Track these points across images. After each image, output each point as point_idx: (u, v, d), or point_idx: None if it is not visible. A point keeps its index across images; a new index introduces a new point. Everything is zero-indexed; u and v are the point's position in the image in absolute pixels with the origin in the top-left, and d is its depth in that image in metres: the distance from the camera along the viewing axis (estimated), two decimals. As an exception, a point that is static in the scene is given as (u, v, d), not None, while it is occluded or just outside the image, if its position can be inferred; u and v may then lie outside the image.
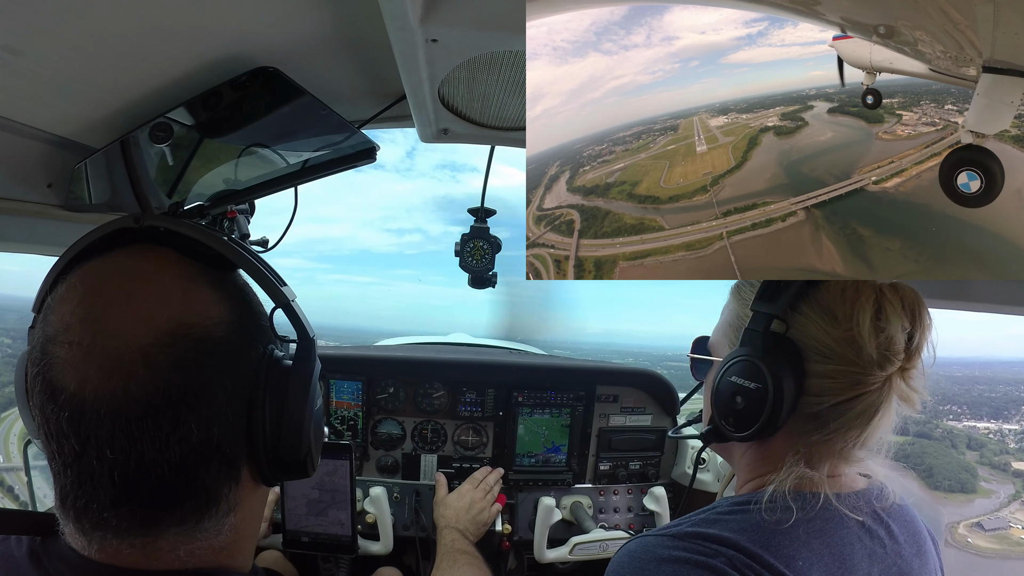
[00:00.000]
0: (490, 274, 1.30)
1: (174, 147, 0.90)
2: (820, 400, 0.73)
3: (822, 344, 0.73)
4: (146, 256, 0.58)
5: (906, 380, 0.72)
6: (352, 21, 0.73)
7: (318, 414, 0.65)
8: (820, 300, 0.74)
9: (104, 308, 0.52)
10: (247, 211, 1.31)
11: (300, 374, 0.61)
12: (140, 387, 0.50)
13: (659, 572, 0.68)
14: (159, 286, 0.55)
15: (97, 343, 0.50)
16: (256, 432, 0.57)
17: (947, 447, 10.45)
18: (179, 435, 0.51)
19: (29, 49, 0.63)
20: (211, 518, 0.55)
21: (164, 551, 0.53)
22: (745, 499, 0.74)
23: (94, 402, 0.49)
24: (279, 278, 0.63)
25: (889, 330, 0.70)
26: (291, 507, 1.40)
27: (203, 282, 0.58)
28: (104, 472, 0.50)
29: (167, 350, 0.51)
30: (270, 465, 0.60)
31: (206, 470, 0.54)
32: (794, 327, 0.75)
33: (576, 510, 1.80)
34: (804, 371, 0.74)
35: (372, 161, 1.06)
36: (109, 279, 0.55)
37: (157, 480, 0.51)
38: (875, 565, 0.72)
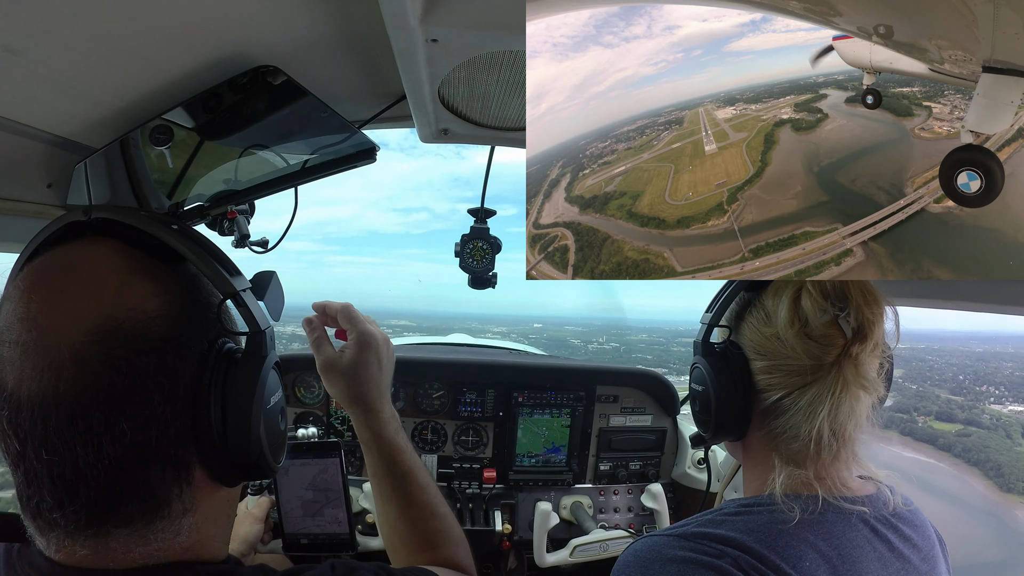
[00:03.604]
0: (490, 274, 1.30)
1: (174, 147, 0.90)
2: (767, 396, 0.76)
3: (755, 342, 0.78)
4: (87, 249, 0.55)
5: (856, 365, 0.72)
6: (352, 21, 0.73)
7: (273, 410, 0.61)
8: (758, 303, 0.79)
9: (40, 305, 0.50)
10: (247, 211, 1.31)
11: (247, 368, 0.57)
12: (70, 386, 0.48)
13: (665, 572, 0.68)
14: (92, 281, 0.52)
15: (31, 341, 0.49)
16: (202, 432, 0.54)
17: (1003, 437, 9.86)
18: (112, 436, 0.49)
19: (29, 49, 0.63)
20: (163, 519, 0.53)
21: (118, 552, 0.52)
22: (751, 501, 0.75)
23: (28, 402, 0.48)
24: (230, 267, 0.60)
25: (810, 319, 0.72)
26: (287, 510, 1.39)
27: (144, 275, 0.55)
28: (44, 473, 0.49)
29: (97, 347, 0.49)
30: (223, 466, 0.57)
31: (147, 471, 0.52)
32: (737, 332, 0.82)
33: (576, 510, 1.80)
34: (750, 370, 0.78)
35: (372, 161, 1.06)
36: (47, 274, 0.53)
37: (94, 482, 0.49)
38: (884, 568, 0.72)
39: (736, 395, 0.78)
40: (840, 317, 0.71)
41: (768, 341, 0.76)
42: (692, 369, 0.86)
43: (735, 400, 0.78)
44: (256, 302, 0.61)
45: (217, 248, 0.60)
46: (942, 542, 0.82)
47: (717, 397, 0.79)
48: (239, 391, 0.56)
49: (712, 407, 0.80)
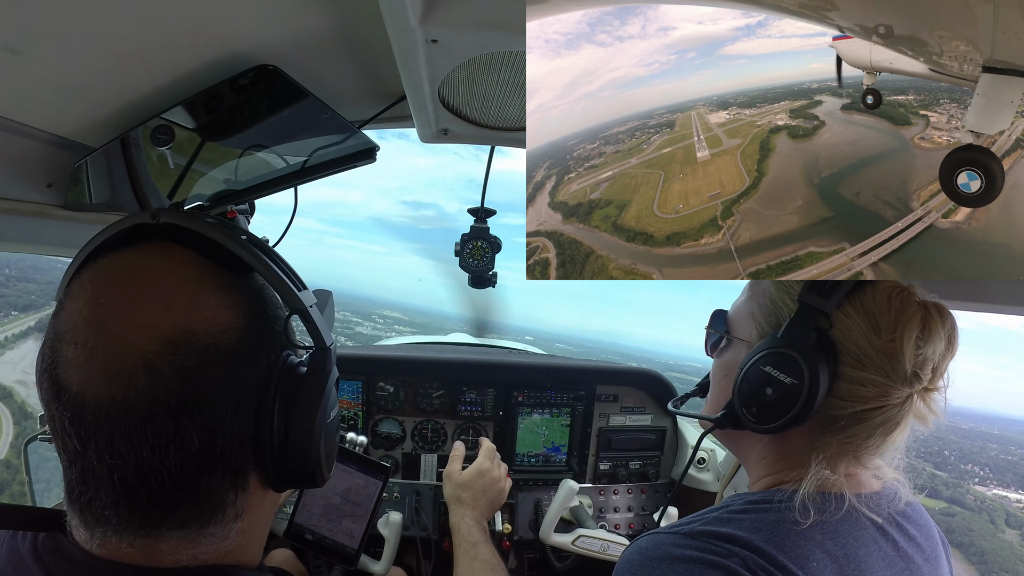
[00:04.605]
0: (490, 274, 1.30)
1: (174, 147, 0.90)
2: (845, 404, 0.71)
3: (861, 350, 0.70)
4: (157, 256, 0.56)
5: (926, 400, 0.72)
6: (352, 21, 0.73)
7: (332, 424, 0.63)
8: (866, 303, 0.71)
9: (109, 310, 0.51)
10: (247, 211, 1.31)
11: (312, 383, 0.59)
12: (140, 394, 0.49)
13: (671, 571, 0.67)
14: (166, 290, 0.53)
15: (100, 346, 0.49)
16: (264, 442, 0.56)
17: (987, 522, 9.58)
18: (179, 443, 0.50)
19: (29, 49, 0.63)
20: (216, 524, 0.54)
21: (165, 553, 0.53)
22: (760, 498, 0.73)
23: (94, 406, 0.49)
24: (298, 282, 0.61)
25: (926, 350, 0.69)
26: (306, 503, 1.39)
27: (214, 286, 0.55)
28: (104, 473, 0.49)
29: (169, 358, 0.50)
30: (279, 474, 0.58)
31: (208, 478, 0.53)
32: (836, 326, 0.72)
33: (576, 510, 1.80)
34: (837, 373, 0.71)
35: (372, 161, 1.06)
36: (117, 279, 0.54)
37: (157, 486, 0.50)
38: (889, 568, 0.71)
39: (823, 395, 0.71)
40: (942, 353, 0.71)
41: (876, 354, 0.69)
42: (775, 352, 0.73)
43: (820, 400, 0.71)
44: (321, 318, 0.62)
45: (285, 261, 0.61)
46: (944, 542, 0.81)
47: (810, 393, 0.70)
48: (304, 405, 0.58)
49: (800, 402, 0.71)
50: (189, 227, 0.57)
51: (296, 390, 0.58)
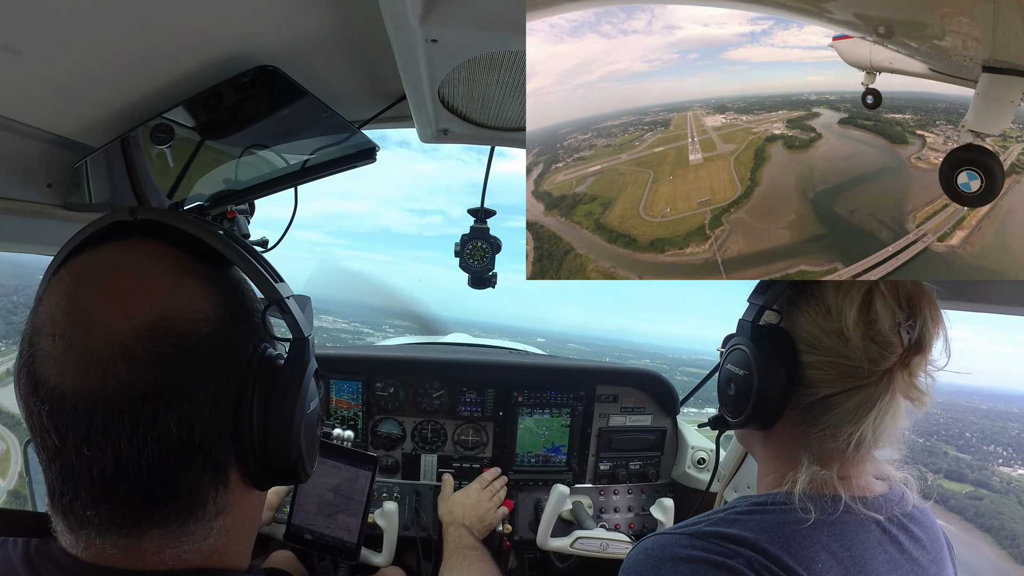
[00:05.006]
0: (490, 274, 1.30)
1: (174, 147, 0.90)
2: (813, 391, 0.74)
3: (810, 335, 0.74)
4: (136, 249, 0.56)
5: (910, 376, 0.71)
6: (352, 21, 0.73)
7: (311, 417, 0.62)
8: (817, 294, 0.75)
9: (88, 301, 0.50)
10: (247, 211, 1.31)
11: (290, 374, 0.58)
12: (118, 382, 0.48)
13: (676, 571, 0.67)
14: (145, 279, 0.53)
15: (78, 336, 0.49)
16: (243, 433, 0.55)
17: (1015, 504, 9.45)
18: (157, 433, 0.49)
19: (29, 49, 0.63)
20: (197, 521, 0.54)
21: (148, 553, 0.52)
22: (764, 499, 0.74)
23: (72, 396, 0.48)
24: (275, 274, 0.61)
25: (879, 323, 0.69)
26: (302, 503, 1.40)
27: (193, 276, 0.56)
28: (83, 469, 0.49)
29: (147, 344, 0.49)
30: (260, 469, 0.57)
31: (188, 471, 0.52)
32: (788, 318, 0.77)
33: (576, 510, 1.80)
34: (798, 362, 0.75)
35: (372, 161, 1.06)
36: (96, 271, 0.53)
37: (136, 479, 0.49)
38: (894, 571, 0.71)
39: (781, 384, 0.75)
40: (903, 325, 0.70)
41: (826, 336, 0.72)
42: (732, 350, 0.81)
43: (779, 389, 0.75)
44: (299, 309, 0.62)
45: (260, 255, 0.61)
46: (950, 545, 0.81)
47: (761, 382, 0.75)
48: (283, 395, 0.58)
49: (753, 392, 0.76)
50: (167, 222, 0.57)
51: (274, 380, 0.57)
